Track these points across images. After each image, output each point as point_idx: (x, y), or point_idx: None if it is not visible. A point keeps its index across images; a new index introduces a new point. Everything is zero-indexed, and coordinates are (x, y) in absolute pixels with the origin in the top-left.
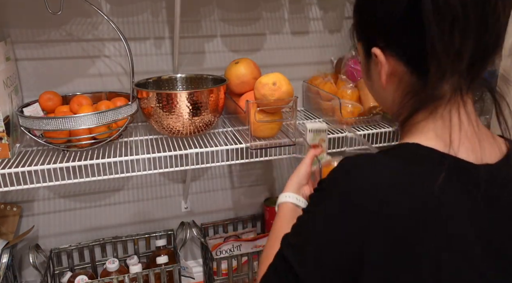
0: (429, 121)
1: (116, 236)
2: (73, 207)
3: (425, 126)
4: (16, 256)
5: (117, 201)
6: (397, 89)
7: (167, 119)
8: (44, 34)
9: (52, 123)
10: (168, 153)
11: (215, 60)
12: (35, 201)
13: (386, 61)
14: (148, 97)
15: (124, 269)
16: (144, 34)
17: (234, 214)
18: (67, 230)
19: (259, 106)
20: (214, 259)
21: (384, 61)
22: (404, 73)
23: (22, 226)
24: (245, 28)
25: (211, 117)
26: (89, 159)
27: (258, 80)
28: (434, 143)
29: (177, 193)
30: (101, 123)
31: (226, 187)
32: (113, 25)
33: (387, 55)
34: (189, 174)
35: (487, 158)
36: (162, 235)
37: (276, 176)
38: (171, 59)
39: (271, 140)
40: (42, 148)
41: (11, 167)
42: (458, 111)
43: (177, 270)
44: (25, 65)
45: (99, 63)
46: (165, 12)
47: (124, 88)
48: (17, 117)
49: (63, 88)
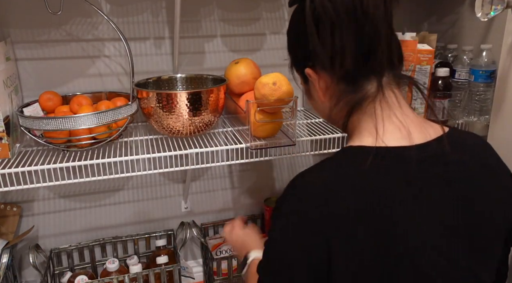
0: (362, 122)
1: (116, 236)
2: (73, 207)
3: (360, 127)
4: (16, 256)
5: (117, 201)
6: (332, 99)
7: (167, 119)
8: (44, 34)
9: (52, 123)
10: (168, 153)
11: (215, 60)
12: (35, 201)
13: (318, 76)
14: (148, 97)
15: (124, 269)
16: (144, 34)
17: (234, 214)
18: (67, 230)
19: (259, 106)
20: (214, 259)
21: (316, 77)
22: (332, 83)
23: (22, 226)
24: (245, 28)
25: (211, 117)
26: (89, 159)
27: (258, 80)
28: (367, 139)
29: (177, 193)
30: (101, 123)
31: (226, 187)
32: (113, 25)
33: (317, 71)
34: (189, 174)
35: (418, 140)
36: (162, 235)
37: (276, 176)
38: (171, 59)
39: (271, 140)
40: (42, 148)
41: (11, 167)
42: (380, 105)
43: (177, 270)
44: (25, 65)
45: (99, 63)
46: (165, 12)
47: (124, 88)
48: (17, 117)
49: (63, 88)
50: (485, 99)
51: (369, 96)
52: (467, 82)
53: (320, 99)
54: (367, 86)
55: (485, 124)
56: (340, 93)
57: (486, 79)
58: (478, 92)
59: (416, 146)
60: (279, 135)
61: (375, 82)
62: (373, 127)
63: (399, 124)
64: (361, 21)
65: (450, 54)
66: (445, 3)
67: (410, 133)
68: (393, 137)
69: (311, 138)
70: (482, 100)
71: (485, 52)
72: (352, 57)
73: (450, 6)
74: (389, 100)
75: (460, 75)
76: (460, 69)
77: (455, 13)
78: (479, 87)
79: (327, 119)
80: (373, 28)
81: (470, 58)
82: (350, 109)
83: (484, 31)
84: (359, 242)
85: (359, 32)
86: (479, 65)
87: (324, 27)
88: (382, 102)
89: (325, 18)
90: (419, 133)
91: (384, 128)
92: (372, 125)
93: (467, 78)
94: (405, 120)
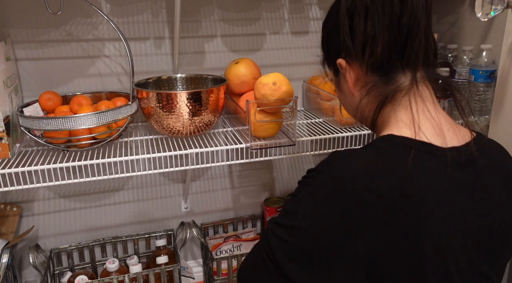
0: (398, 113)
1: (116, 236)
2: (73, 207)
3: (397, 118)
4: (16, 256)
5: (117, 201)
6: (363, 90)
7: (167, 119)
8: (44, 34)
9: (52, 123)
10: (168, 153)
11: (215, 60)
12: (35, 201)
13: (349, 67)
14: (148, 97)
15: (124, 269)
16: (144, 34)
17: (234, 214)
18: (67, 230)
19: (259, 106)
20: (214, 259)
21: (348, 67)
22: (363, 74)
23: (22, 226)
24: (245, 28)
25: (211, 117)
26: (89, 159)
27: (258, 80)
28: (405, 131)
29: (177, 193)
30: (101, 123)
31: (226, 187)
32: (113, 25)
33: (349, 62)
34: (189, 174)
35: (451, 142)
36: (162, 235)
37: (276, 176)
38: (171, 59)
39: (271, 140)
40: (42, 148)
41: (11, 167)
42: (414, 99)
43: (177, 270)
44: (25, 65)
45: (99, 63)
46: (165, 12)
47: (124, 88)
48: (17, 117)
49: (63, 88)
50: (485, 99)
51: (403, 89)
52: (467, 82)
53: (350, 91)
54: (400, 79)
55: (485, 124)
56: (371, 84)
57: (486, 79)
58: (478, 92)
59: (451, 148)
60: (279, 135)
61: (409, 75)
62: (409, 119)
63: (433, 121)
64: (398, 11)
65: (450, 54)
66: (445, 3)
67: (443, 132)
68: (429, 133)
69: (311, 138)
70: (482, 100)
71: (485, 52)
72: (384, 47)
73: (450, 6)
74: (423, 95)
75: (460, 75)
76: (460, 69)
77: (455, 13)
78: (479, 87)
79: (353, 114)
80: (411, 19)
81: (470, 58)
82: (383, 100)
83: (484, 31)
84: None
85: (394, 21)
86: (479, 65)
87: (358, 14)
88: (417, 96)
89: (360, 5)
90: (451, 134)
91: (420, 122)
92: (407, 118)
93: (467, 78)
94: (438, 118)
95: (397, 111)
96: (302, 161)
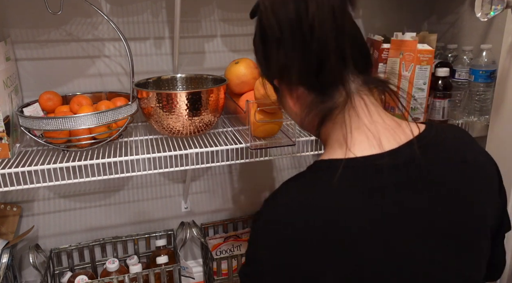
0: (332, 132)
1: (116, 236)
2: (73, 207)
3: (331, 139)
4: (16, 256)
5: (117, 201)
6: (303, 109)
7: (167, 119)
8: (44, 34)
9: (52, 123)
10: (168, 153)
11: (215, 60)
12: (35, 201)
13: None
14: (148, 97)
15: (124, 269)
16: (144, 34)
17: (234, 214)
18: (67, 230)
19: (259, 106)
20: (214, 259)
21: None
22: (303, 93)
23: (22, 226)
24: (245, 28)
25: (211, 117)
26: (89, 159)
27: (258, 80)
28: (337, 151)
29: (177, 193)
30: (101, 123)
31: (226, 187)
32: (113, 25)
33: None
34: (189, 174)
35: (388, 145)
36: (162, 235)
37: (276, 176)
38: (171, 59)
39: (271, 140)
40: (42, 148)
41: (11, 167)
42: (349, 114)
43: (177, 270)
44: (25, 65)
45: (99, 63)
46: (165, 12)
47: (124, 88)
48: (17, 117)
49: (63, 88)
50: (485, 99)
51: (339, 105)
52: (467, 82)
53: (292, 109)
54: (335, 95)
55: (485, 124)
56: (310, 103)
57: (486, 79)
58: (478, 92)
59: (387, 152)
60: (279, 135)
61: (343, 90)
62: (343, 138)
63: (368, 133)
64: (307, 38)
65: (450, 54)
66: (445, 3)
67: (380, 141)
68: (362, 147)
69: (311, 138)
70: (482, 100)
71: (485, 52)
72: (298, 74)
73: (450, 6)
74: (358, 109)
75: (460, 75)
76: (460, 69)
77: (455, 13)
78: (479, 87)
79: (299, 126)
80: (320, 44)
81: (470, 58)
82: (321, 120)
83: (484, 31)
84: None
85: (305, 49)
86: (479, 65)
87: (270, 43)
88: (351, 111)
89: (271, 35)
90: (391, 139)
91: (353, 138)
92: (342, 136)
93: (467, 78)
94: (374, 128)
95: (332, 130)
96: (302, 161)
